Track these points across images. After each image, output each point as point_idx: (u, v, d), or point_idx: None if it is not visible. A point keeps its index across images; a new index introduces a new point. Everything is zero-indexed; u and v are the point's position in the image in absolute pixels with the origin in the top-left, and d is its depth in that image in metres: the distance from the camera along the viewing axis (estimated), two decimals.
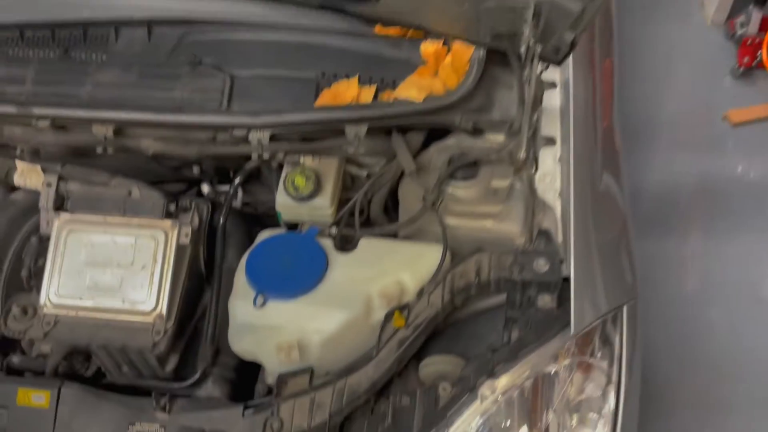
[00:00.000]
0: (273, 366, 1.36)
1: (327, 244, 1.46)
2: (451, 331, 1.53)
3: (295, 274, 1.37)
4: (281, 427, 1.29)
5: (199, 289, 1.55)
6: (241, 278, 1.41)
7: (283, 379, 1.33)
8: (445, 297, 1.37)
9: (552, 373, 1.33)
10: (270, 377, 1.40)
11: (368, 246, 1.45)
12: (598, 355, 1.36)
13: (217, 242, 1.50)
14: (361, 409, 1.43)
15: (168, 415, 1.30)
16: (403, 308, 1.36)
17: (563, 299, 1.37)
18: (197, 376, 1.39)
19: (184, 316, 1.46)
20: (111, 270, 1.41)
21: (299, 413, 1.30)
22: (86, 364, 1.52)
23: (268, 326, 1.34)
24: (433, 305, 1.37)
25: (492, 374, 1.28)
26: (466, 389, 1.28)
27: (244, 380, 1.51)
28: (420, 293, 1.38)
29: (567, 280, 1.36)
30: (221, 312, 1.46)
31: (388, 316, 1.36)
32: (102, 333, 1.41)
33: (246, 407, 1.30)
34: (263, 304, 1.34)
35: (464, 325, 1.53)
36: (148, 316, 1.39)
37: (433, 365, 1.42)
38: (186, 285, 1.46)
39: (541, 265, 1.38)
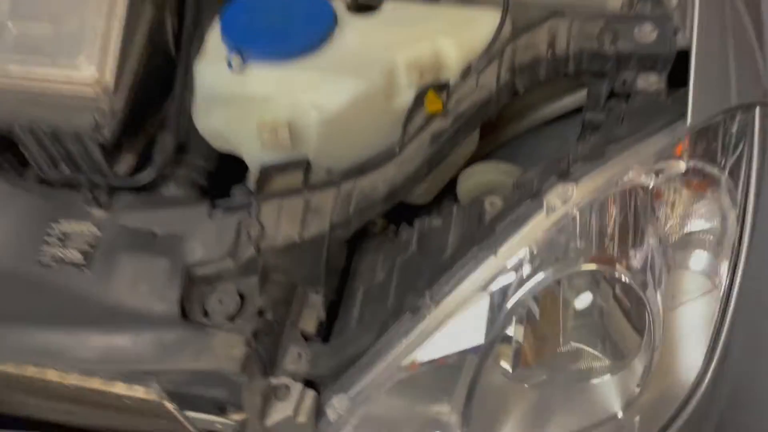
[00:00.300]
0: (254, 155, 0.98)
1: (338, 5, 1.04)
2: (504, 150, 1.15)
3: (288, 31, 0.96)
4: (261, 235, 0.92)
5: (166, 73, 1.17)
6: (214, 37, 1.00)
7: (267, 172, 0.95)
8: (502, 76, 0.95)
9: (651, 184, 0.95)
10: (254, 178, 1.02)
11: (396, 9, 1.02)
12: (722, 162, 0.98)
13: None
14: (377, 238, 1.08)
15: (106, 213, 0.96)
16: (442, 87, 0.96)
17: (674, 86, 0.97)
18: (153, 172, 1.01)
19: (142, 101, 1.07)
20: (39, 24, 1.02)
21: (288, 219, 0.92)
22: (20, 170, 1.20)
23: (248, 97, 0.94)
24: (485, 87, 0.96)
25: (565, 176, 0.88)
26: (525, 196, 0.89)
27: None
28: (466, 71, 0.97)
29: (683, 54, 0.96)
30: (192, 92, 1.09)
31: (420, 98, 0.95)
32: (28, 110, 1.03)
33: (214, 206, 0.94)
34: (241, 66, 0.94)
35: (523, 140, 1.15)
36: (88, 87, 1.01)
37: (479, 174, 1.03)
38: (145, 58, 1.09)
39: (647, 32, 0.94)
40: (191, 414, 0.95)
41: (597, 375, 0.95)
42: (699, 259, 0.95)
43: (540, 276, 0.87)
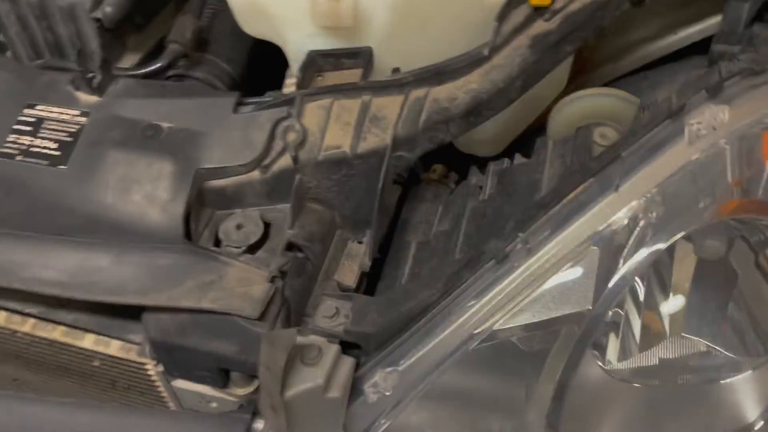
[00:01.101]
0: (300, 40, 0.73)
1: None
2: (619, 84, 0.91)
3: None
4: (303, 140, 0.68)
5: None
6: None
7: (315, 60, 0.71)
8: None
9: None
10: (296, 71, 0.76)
11: None
12: None
13: None
14: (434, 185, 0.86)
15: (97, 98, 0.71)
16: None
17: None
18: (161, 62, 0.76)
19: None
20: None
21: (338, 124, 0.69)
22: None
23: None
24: None
25: (717, 93, 0.64)
26: (659, 117, 0.65)
27: None
28: None
29: None
30: None
31: None
32: None
33: (243, 103, 0.70)
34: None
35: (641, 77, 0.91)
36: None
37: (586, 100, 0.79)
38: None
39: None
40: (180, 384, 0.73)
41: (728, 373, 0.73)
42: None
43: (673, 227, 0.66)
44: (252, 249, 0.68)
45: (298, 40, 0.74)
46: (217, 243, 0.70)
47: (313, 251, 0.71)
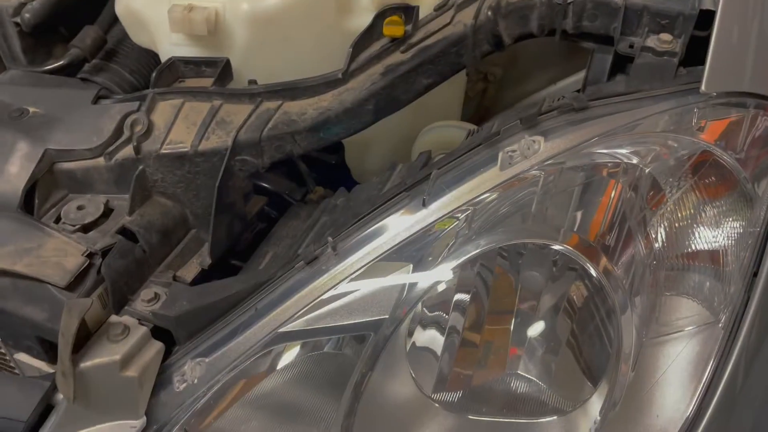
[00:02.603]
0: (167, 47, 0.81)
1: None
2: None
3: None
4: (147, 134, 0.73)
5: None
6: None
7: (175, 65, 0.78)
8: (482, 13, 0.79)
9: (647, 169, 0.73)
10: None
11: None
12: (744, 160, 0.75)
13: None
14: (311, 205, 0.88)
15: None
16: (408, 11, 0.79)
17: (692, 54, 0.75)
18: (62, 61, 0.84)
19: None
20: None
21: (184, 123, 0.74)
22: None
23: None
24: (460, 23, 0.80)
25: (532, 124, 0.67)
26: (477, 142, 0.69)
27: None
28: (443, 3, 0.80)
29: (706, 16, 0.74)
30: None
31: (379, 19, 0.78)
32: None
33: (100, 96, 0.77)
34: None
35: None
36: None
37: (440, 130, 0.84)
38: None
39: None
40: (22, 358, 0.76)
41: (538, 413, 0.72)
42: (698, 282, 0.74)
43: (480, 244, 0.67)
44: (86, 229, 0.73)
45: (167, 49, 0.81)
46: (59, 221, 0.75)
47: (149, 240, 0.74)
